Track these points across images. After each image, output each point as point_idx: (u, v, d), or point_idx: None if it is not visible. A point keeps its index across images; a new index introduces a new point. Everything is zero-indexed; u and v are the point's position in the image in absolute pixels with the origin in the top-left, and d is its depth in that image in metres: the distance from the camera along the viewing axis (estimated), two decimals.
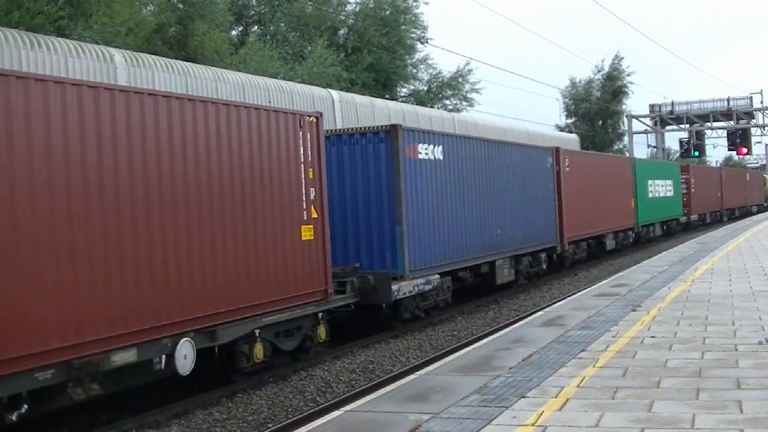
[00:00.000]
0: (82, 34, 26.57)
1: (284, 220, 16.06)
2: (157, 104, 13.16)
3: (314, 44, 44.74)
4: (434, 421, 8.95)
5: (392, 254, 19.73)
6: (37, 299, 10.81)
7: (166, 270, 13.07)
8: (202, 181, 13.95)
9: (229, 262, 14.44)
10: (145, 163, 12.77)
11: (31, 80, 11.23)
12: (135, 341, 12.41)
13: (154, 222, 12.86)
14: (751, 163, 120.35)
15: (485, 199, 24.58)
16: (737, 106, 76.69)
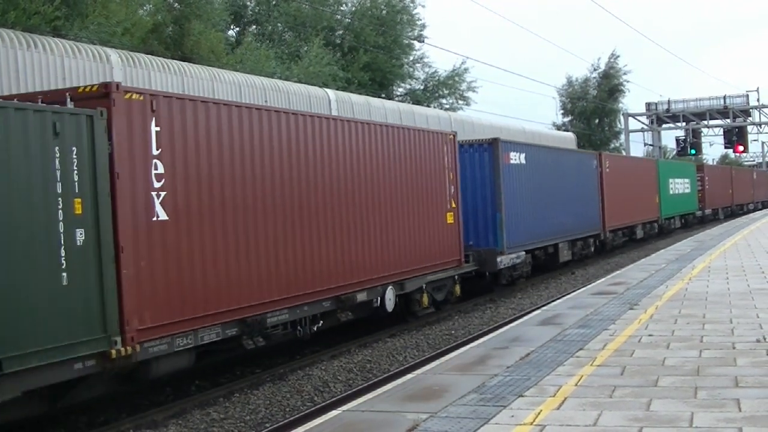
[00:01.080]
0: (78, 34, 26.55)
1: (436, 209, 22.29)
2: (355, 129, 18.99)
3: (310, 44, 44.72)
4: (432, 421, 8.94)
5: (494, 235, 25.76)
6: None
7: (381, 244, 19.53)
8: (390, 183, 20.08)
9: (409, 239, 20.80)
10: (355, 174, 18.63)
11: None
12: (365, 287, 18.81)
13: (371, 215, 19.19)
14: (748, 160, 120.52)
15: (552, 194, 30.31)
16: (733, 104, 76.76)
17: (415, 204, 21.12)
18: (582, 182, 34.42)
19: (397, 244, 20.17)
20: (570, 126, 76.24)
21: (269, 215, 15.60)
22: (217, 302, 14.19)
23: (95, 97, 12.24)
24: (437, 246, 22.09)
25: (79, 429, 13.24)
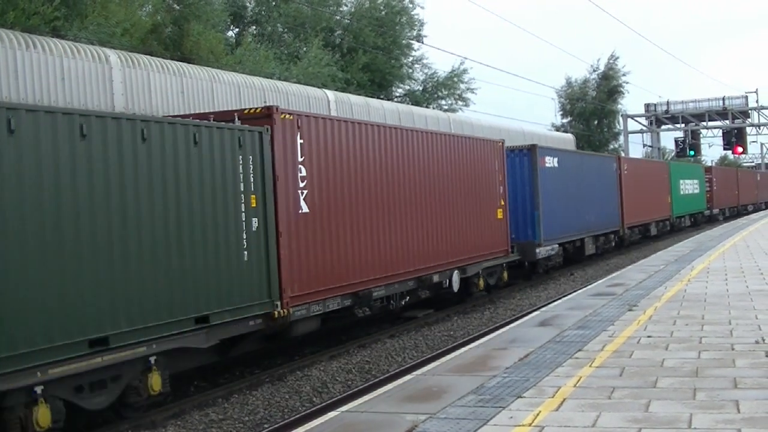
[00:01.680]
0: (77, 34, 26.53)
1: (489, 206, 25.85)
2: (429, 138, 22.68)
3: (310, 45, 44.71)
4: (431, 422, 8.94)
5: (533, 229, 29.14)
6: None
7: (448, 235, 22.97)
8: (454, 184, 23.54)
9: (469, 231, 24.22)
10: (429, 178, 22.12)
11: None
12: (438, 271, 22.29)
13: (441, 211, 22.67)
14: (747, 162, 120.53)
15: (579, 194, 33.65)
16: (732, 106, 76.81)
17: (473, 202, 24.70)
18: (604, 183, 37.87)
19: (460, 235, 23.72)
20: (569, 127, 76.25)
21: (372, 211, 19.27)
22: (339, 279, 17.87)
23: (259, 117, 15.93)
24: (490, 238, 25.79)
25: (78, 429, 13.22)
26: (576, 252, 34.15)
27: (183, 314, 13.54)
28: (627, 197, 40.55)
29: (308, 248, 16.82)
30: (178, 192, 13.62)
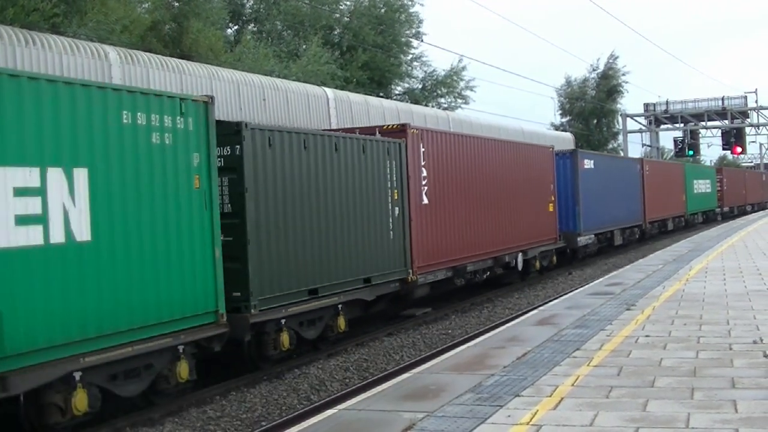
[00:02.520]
0: (76, 31, 26.51)
1: (543, 200, 31.00)
2: (502, 146, 28.31)
3: (309, 42, 44.68)
4: (429, 420, 8.94)
5: (574, 221, 34.16)
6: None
7: (515, 223, 27.83)
8: (519, 183, 28.45)
9: (529, 220, 29.10)
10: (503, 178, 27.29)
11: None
12: (508, 252, 27.39)
13: (510, 204, 27.66)
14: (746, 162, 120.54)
15: (610, 192, 38.27)
16: (732, 106, 76.80)
17: (532, 197, 29.75)
18: (629, 183, 42.95)
19: (523, 224, 28.54)
20: (568, 126, 76.23)
21: (466, 204, 24.52)
22: (445, 255, 23.13)
23: (395, 131, 21.34)
24: (544, 227, 30.90)
25: (76, 427, 13.21)
26: (607, 243, 39.08)
27: (357, 275, 19.19)
28: (648, 195, 45.65)
29: (427, 231, 22.21)
30: (354, 188, 19.05)
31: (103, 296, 12.08)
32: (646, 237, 46.74)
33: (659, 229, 49.75)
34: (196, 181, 14.12)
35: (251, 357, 16.31)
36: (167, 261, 13.36)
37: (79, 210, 11.74)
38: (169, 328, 13.37)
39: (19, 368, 10.80)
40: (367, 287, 19.51)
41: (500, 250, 26.78)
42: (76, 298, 11.61)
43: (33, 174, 11.10)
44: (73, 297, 11.55)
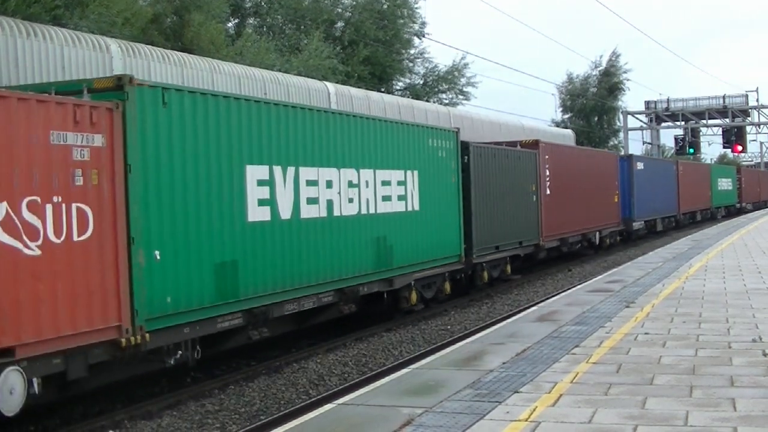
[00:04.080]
0: (78, 23, 26.49)
1: (611, 193, 39.80)
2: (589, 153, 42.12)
3: (310, 37, 44.65)
4: (427, 416, 8.93)
5: (629, 210, 42.98)
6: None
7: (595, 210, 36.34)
8: (596, 181, 37.08)
9: (603, 208, 37.86)
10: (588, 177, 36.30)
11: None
12: (591, 231, 36.66)
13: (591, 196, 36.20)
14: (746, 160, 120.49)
15: (653, 187, 47.00)
16: (733, 104, 76.72)
17: (604, 191, 38.88)
18: (667, 181, 51.58)
19: (599, 210, 37.72)
20: (569, 123, 76.21)
21: (569, 195, 32.99)
22: (556, 229, 32.01)
23: (531, 145, 31.10)
24: (611, 213, 39.92)
25: (74, 419, 13.23)
26: (651, 228, 48.06)
27: (515, 239, 28.46)
28: (682, 191, 54.42)
29: (549, 212, 31.01)
30: (512, 182, 27.94)
31: (424, 240, 21.86)
32: (680, 226, 55.09)
33: (690, 219, 58.51)
34: (453, 177, 23.77)
35: (389, 308, 21.46)
36: (444, 223, 23.04)
37: (417, 193, 21.54)
38: (443, 261, 23.21)
39: (399, 275, 20.74)
40: (520, 247, 28.90)
41: (586, 229, 36.27)
42: (418, 240, 21.53)
43: (394, 174, 20.58)
44: (417, 239, 21.49)
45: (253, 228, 15.35)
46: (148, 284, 12.77)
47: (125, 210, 12.51)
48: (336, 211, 17.92)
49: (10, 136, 10.86)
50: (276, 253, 15.91)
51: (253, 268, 15.24)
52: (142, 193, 12.78)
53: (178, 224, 13.62)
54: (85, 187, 11.89)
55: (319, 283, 17.28)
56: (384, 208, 19.88)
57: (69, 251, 11.60)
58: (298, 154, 16.73)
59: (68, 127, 11.67)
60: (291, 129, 16.56)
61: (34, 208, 11.09)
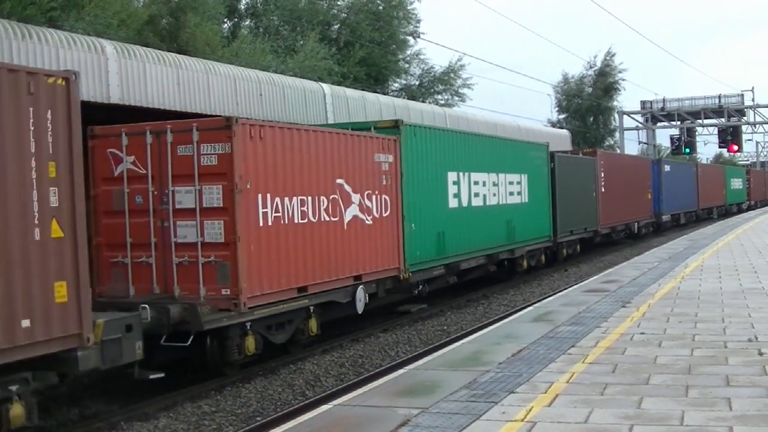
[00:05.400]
0: (73, 25, 26.43)
1: (645, 192, 48.22)
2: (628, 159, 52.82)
3: (306, 38, 44.61)
4: (423, 416, 8.94)
5: (658, 206, 50.63)
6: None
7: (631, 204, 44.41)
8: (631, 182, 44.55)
9: (638, 203, 46.29)
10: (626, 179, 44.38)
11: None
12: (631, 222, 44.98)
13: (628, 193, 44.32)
14: (742, 160, 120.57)
15: (677, 187, 54.69)
16: (728, 104, 76.70)
17: (639, 189, 46.69)
18: (688, 180, 59.28)
19: (636, 205, 45.50)
20: (565, 123, 76.20)
21: (615, 192, 39.96)
22: (609, 220, 39.58)
23: (590, 153, 40.48)
24: (645, 208, 48.17)
25: (71, 420, 13.23)
26: (675, 222, 55.62)
27: (581, 226, 35.42)
28: (701, 190, 61.97)
29: (605, 205, 38.66)
30: (578, 183, 35.05)
31: (530, 224, 29.82)
32: (700, 219, 62.08)
33: (707, 214, 65.65)
34: (545, 179, 31.57)
35: (509, 271, 29.81)
36: (540, 212, 31.06)
37: (526, 190, 29.52)
38: (540, 239, 31.13)
39: (518, 247, 29.08)
40: (585, 232, 36.76)
41: (629, 220, 44.23)
42: (527, 223, 29.35)
43: (515, 176, 28.67)
44: (527, 223, 29.29)
45: (450, 212, 23.72)
46: (410, 244, 21.02)
47: (400, 199, 20.72)
48: (487, 202, 26.40)
49: (360, 156, 19.14)
50: (461, 229, 24.10)
51: (451, 238, 23.44)
52: (406, 189, 20.94)
53: (420, 208, 21.79)
54: (387, 185, 20.21)
55: (478, 250, 25.59)
56: (510, 200, 28.17)
57: (381, 223, 19.90)
58: (470, 164, 25.13)
59: (380, 151, 20.04)
60: (466, 148, 25.25)
61: (369, 197, 19.40)
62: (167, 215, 15.23)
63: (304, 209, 16.92)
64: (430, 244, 22.20)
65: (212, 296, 14.90)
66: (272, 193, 15.93)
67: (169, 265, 15.17)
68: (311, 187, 17.25)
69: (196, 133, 15.08)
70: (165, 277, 15.19)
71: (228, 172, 14.90)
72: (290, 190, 16.52)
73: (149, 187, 15.32)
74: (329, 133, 18.39)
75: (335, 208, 18.06)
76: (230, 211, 14.94)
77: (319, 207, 17.48)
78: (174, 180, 15.19)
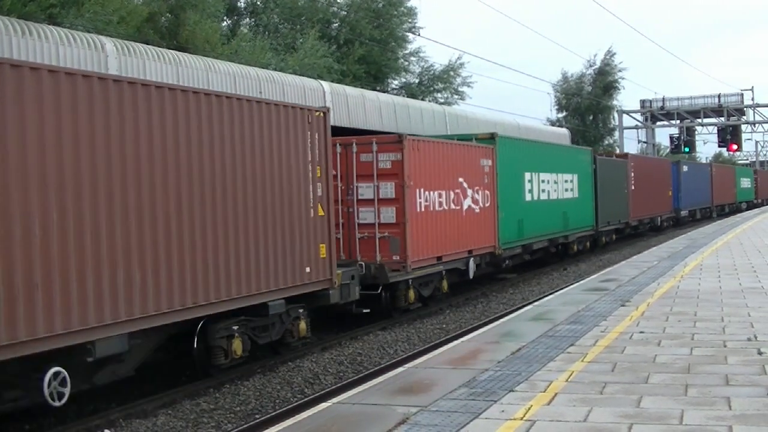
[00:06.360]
0: (73, 22, 26.43)
1: (665, 190, 53.76)
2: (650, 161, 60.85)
3: (306, 36, 44.59)
4: (422, 414, 8.93)
5: (677, 202, 55.95)
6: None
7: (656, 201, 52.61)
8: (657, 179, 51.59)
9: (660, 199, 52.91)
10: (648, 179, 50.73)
11: None
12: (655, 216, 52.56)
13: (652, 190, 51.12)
14: (741, 160, 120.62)
15: (693, 185, 60.30)
16: (728, 103, 76.73)
17: (661, 186, 51.97)
18: (704, 179, 65.18)
19: (659, 200, 50.79)
20: (564, 122, 76.19)
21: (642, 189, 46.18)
22: (638, 213, 45.78)
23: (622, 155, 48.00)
24: (666, 204, 53.43)
25: (69, 418, 13.22)
26: (693, 216, 61.46)
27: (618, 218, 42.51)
28: (715, 188, 68.08)
29: (634, 201, 44.32)
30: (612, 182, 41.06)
31: (579, 215, 35.60)
32: (714, 216, 66.65)
33: (720, 211, 71.42)
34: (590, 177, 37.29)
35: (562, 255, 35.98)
36: (586, 206, 36.52)
37: (576, 187, 35.47)
38: (586, 229, 36.77)
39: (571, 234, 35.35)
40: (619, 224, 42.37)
41: (653, 215, 50.21)
42: (577, 215, 35.37)
43: (569, 176, 34.65)
44: (576, 214, 35.22)
45: (526, 204, 29.80)
46: (501, 228, 27.09)
47: (496, 194, 26.79)
48: (550, 197, 32.33)
49: (472, 161, 25.36)
50: (533, 217, 30.12)
51: (526, 224, 29.45)
52: (499, 186, 26.97)
53: (507, 200, 27.63)
54: (487, 183, 26.23)
55: (544, 234, 31.63)
56: (565, 195, 34.14)
57: (484, 211, 25.90)
58: (538, 165, 31.19)
59: (483, 157, 26.17)
60: (536, 153, 31.70)
61: (477, 192, 25.42)
62: (352, 204, 21.08)
63: (441, 200, 23.14)
64: (513, 228, 28.34)
65: (386, 261, 20.83)
66: (424, 188, 22.06)
67: (353, 239, 21.02)
68: (444, 183, 23.38)
69: (375, 146, 21.08)
70: (350, 247, 20.98)
71: (399, 173, 21.02)
72: (433, 185, 22.65)
73: (338, 184, 20.19)
74: (455, 145, 24.84)
75: (458, 200, 24.23)
76: (400, 200, 21.07)
77: (448, 198, 23.66)
78: (357, 178, 21.05)
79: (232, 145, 14.68)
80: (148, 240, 12.73)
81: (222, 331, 14.91)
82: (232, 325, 15.10)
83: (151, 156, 12.86)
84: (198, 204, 13.80)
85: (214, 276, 14.06)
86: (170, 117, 13.29)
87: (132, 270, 12.36)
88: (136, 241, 12.49)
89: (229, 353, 15.12)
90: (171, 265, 13.16)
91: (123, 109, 12.34)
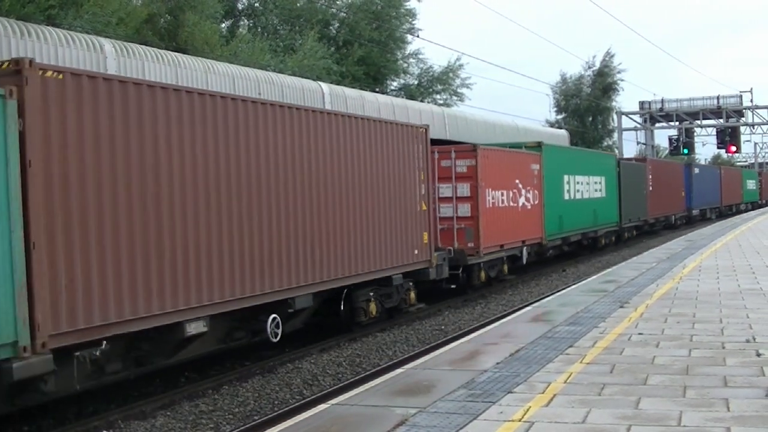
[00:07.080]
0: (72, 23, 26.45)
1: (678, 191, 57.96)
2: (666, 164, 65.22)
3: (305, 37, 44.61)
4: (421, 416, 8.93)
5: (689, 202, 60.29)
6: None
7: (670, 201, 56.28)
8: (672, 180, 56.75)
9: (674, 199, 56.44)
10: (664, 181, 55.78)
11: None
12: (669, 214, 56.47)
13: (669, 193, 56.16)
14: (740, 161, 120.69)
15: (703, 186, 63.65)
16: (727, 104, 76.83)
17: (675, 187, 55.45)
18: (714, 181, 69.03)
19: (673, 201, 54.69)
20: (563, 123, 76.23)
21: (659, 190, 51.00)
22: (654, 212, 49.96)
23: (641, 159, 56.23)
24: (680, 203, 57.15)
25: (68, 419, 13.22)
26: (703, 215, 64.33)
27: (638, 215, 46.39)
28: (723, 189, 71.85)
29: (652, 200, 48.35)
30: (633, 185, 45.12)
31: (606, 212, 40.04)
32: (722, 214, 70.47)
33: (729, 210, 75.25)
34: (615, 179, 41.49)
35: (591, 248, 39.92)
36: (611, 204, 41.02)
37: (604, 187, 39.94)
38: (611, 224, 41.16)
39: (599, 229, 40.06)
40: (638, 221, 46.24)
41: (668, 213, 54.16)
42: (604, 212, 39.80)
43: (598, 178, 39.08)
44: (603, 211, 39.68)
45: (564, 202, 33.98)
46: (546, 222, 31.39)
47: (543, 193, 31.06)
48: (583, 196, 36.46)
49: (524, 165, 30.04)
50: (570, 214, 34.33)
51: (565, 220, 33.62)
52: (546, 186, 31.30)
53: (551, 198, 31.73)
54: (535, 184, 30.55)
55: (578, 229, 35.92)
56: (594, 195, 38.25)
57: (534, 208, 30.33)
58: (574, 169, 35.50)
59: (532, 162, 30.54)
60: (572, 158, 36.84)
61: (528, 191, 29.78)
62: (434, 201, 23.65)
63: (503, 198, 27.67)
64: (555, 223, 32.57)
65: (462, 248, 25.20)
66: (491, 188, 26.64)
67: (434, 229, 23.24)
68: (506, 184, 27.91)
69: (453, 153, 25.68)
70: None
71: (473, 176, 25.56)
72: (498, 185, 27.19)
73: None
74: (513, 153, 29.75)
75: (515, 198, 28.77)
76: (474, 198, 25.61)
77: (508, 197, 28.16)
78: (438, 180, 24.90)
79: (372, 156, 19.44)
80: (323, 229, 17.38)
81: (362, 296, 19.64)
82: (369, 291, 19.84)
83: (336, 169, 18.06)
84: (349, 204, 18.44)
85: (356, 255, 18.59)
86: (331, 137, 17.94)
87: (315, 249, 17.01)
88: (317, 228, 17.14)
89: (368, 313, 19.83)
90: (335, 247, 17.81)
91: (293, 132, 16.58)
